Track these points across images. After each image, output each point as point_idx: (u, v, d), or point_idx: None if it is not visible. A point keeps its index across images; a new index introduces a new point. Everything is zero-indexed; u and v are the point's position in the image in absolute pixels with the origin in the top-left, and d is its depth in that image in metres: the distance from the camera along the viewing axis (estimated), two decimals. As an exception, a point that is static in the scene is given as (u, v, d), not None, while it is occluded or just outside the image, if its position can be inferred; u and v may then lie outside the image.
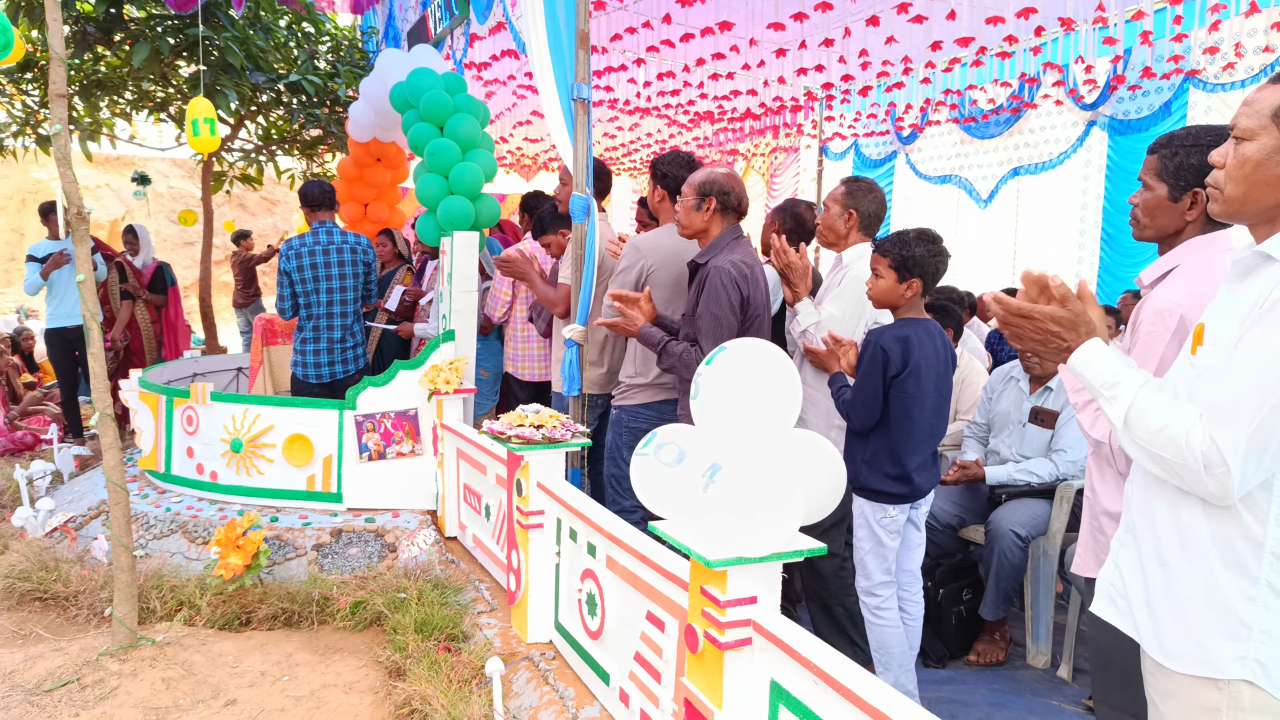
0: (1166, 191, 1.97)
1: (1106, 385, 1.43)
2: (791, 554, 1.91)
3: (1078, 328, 1.49)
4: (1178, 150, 1.94)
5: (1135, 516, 1.52)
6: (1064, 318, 1.49)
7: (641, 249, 3.45)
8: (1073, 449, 3.63)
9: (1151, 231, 2.03)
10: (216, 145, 5.00)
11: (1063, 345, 1.50)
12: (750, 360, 1.98)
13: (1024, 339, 1.54)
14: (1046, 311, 1.50)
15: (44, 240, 6.41)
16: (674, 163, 3.49)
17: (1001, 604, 3.63)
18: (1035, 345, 1.53)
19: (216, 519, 4.11)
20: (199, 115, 4.72)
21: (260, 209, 18.36)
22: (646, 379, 3.40)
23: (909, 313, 2.80)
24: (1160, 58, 6.89)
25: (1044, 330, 1.50)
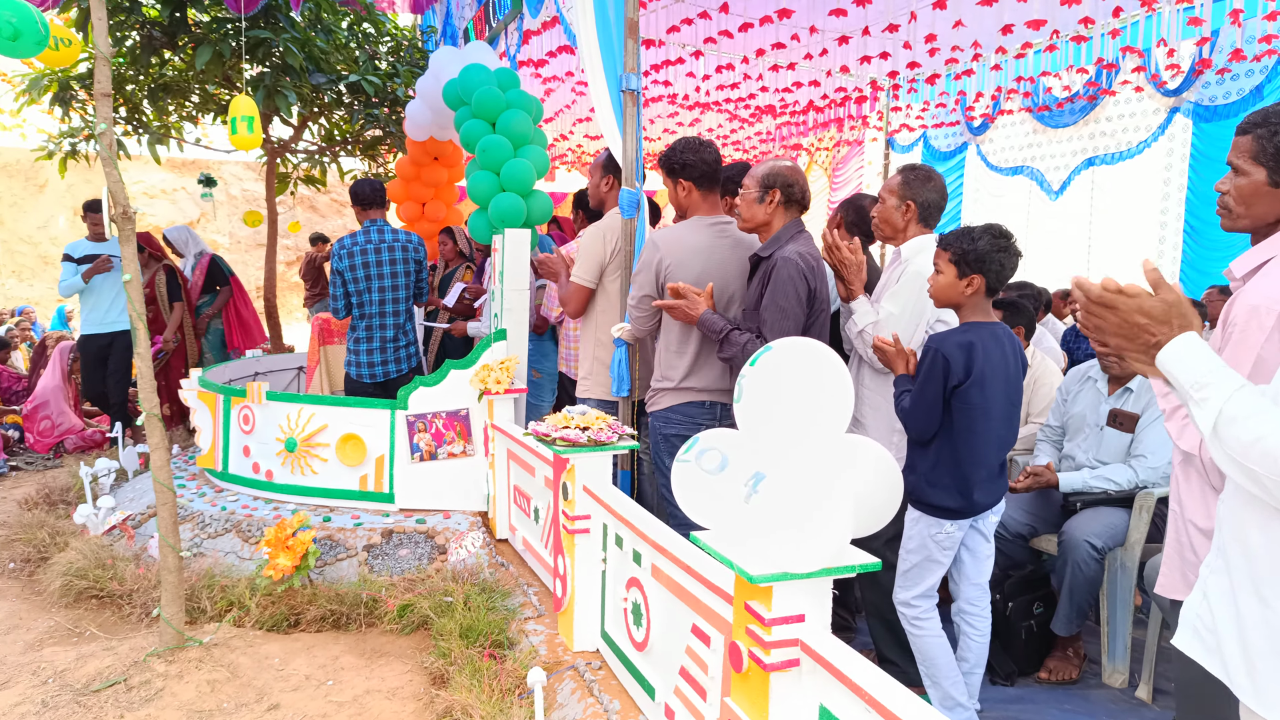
0: (1266, 176, 1.76)
1: (1196, 386, 1.25)
2: (842, 569, 1.78)
3: (1170, 320, 1.30)
4: (1278, 129, 1.74)
5: (1227, 539, 1.34)
6: (1154, 308, 1.30)
7: (660, 245, 3.24)
8: (1154, 454, 3.39)
9: (1246, 221, 1.82)
10: (258, 143, 5.05)
11: (1151, 340, 1.31)
12: (797, 361, 1.85)
13: (1106, 332, 1.36)
14: (1133, 301, 1.31)
15: (81, 240, 6.32)
16: (689, 149, 3.24)
17: (1075, 619, 3.41)
18: (1119, 341, 1.35)
19: (270, 518, 4.13)
20: (239, 114, 4.76)
21: (330, 210, 18.76)
22: (672, 382, 3.25)
23: (974, 315, 2.62)
24: (1251, 39, 6.48)
25: (1130, 323, 1.32)
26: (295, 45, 5.84)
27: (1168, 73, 7.23)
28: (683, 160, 3.25)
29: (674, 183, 3.31)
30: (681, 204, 3.35)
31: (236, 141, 4.80)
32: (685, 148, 3.26)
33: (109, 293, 6.20)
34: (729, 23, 6.16)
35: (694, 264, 3.22)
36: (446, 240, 5.71)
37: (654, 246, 3.25)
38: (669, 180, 3.33)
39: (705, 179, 3.26)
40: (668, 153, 3.29)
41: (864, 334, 2.96)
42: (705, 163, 3.25)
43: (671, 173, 3.30)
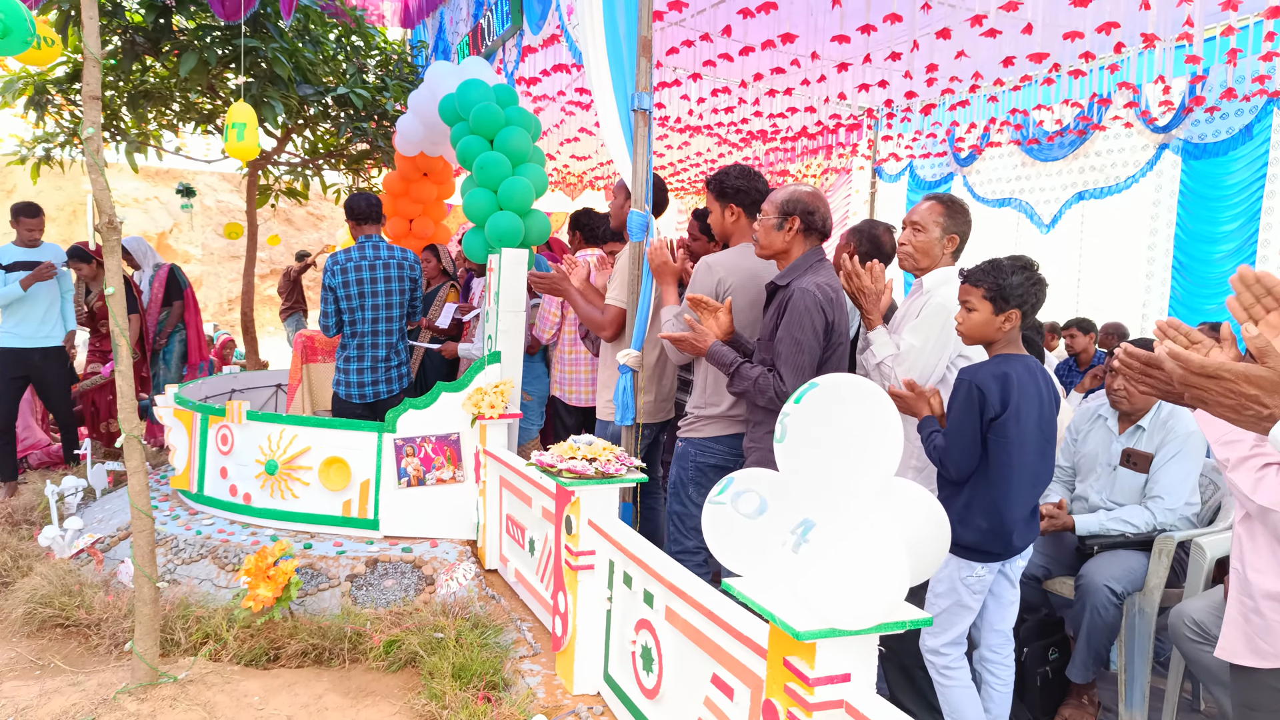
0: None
1: None
2: (894, 625, 1.65)
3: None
4: None
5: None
6: (1264, 378, 1.19)
7: (716, 269, 3.16)
8: (1170, 495, 3.30)
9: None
10: (255, 153, 4.87)
11: (1262, 412, 1.20)
12: (845, 399, 1.72)
13: (1210, 403, 1.25)
14: (1240, 370, 1.20)
15: (9, 245, 5.61)
16: (742, 176, 3.21)
17: (1092, 665, 3.30)
18: (1225, 412, 1.23)
19: (248, 544, 3.93)
20: (239, 120, 4.57)
21: (306, 224, 18.49)
22: (719, 409, 3.13)
23: (1006, 348, 2.52)
24: (1242, 78, 6.53)
25: (1236, 393, 1.21)
26: (284, 55, 5.68)
27: (1159, 109, 7.28)
28: (735, 185, 3.21)
29: (723, 206, 3.26)
30: (727, 229, 3.29)
31: (233, 150, 4.62)
32: (739, 174, 3.22)
33: (42, 303, 5.56)
34: (729, 46, 6.10)
35: (751, 289, 3.16)
36: (430, 258, 5.55)
37: (709, 270, 3.16)
38: (717, 202, 3.28)
39: (755, 207, 3.19)
40: (720, 175, 3.24)
41: (882, 366, 2.85)
42: (757, 190, 3.20)
43: (723, 195, 3.25)
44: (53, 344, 5.64)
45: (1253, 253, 7.00)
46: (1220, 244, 7.19)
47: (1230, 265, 7.17)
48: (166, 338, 6.47)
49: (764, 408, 2.79)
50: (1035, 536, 2.63)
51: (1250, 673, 1.80)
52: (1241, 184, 7.06)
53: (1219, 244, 7.19)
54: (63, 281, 5.79)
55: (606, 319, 3.69)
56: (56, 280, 5.67)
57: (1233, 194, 7.10)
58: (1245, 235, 7.04)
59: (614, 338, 3.69)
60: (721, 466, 3.10)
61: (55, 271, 5.53)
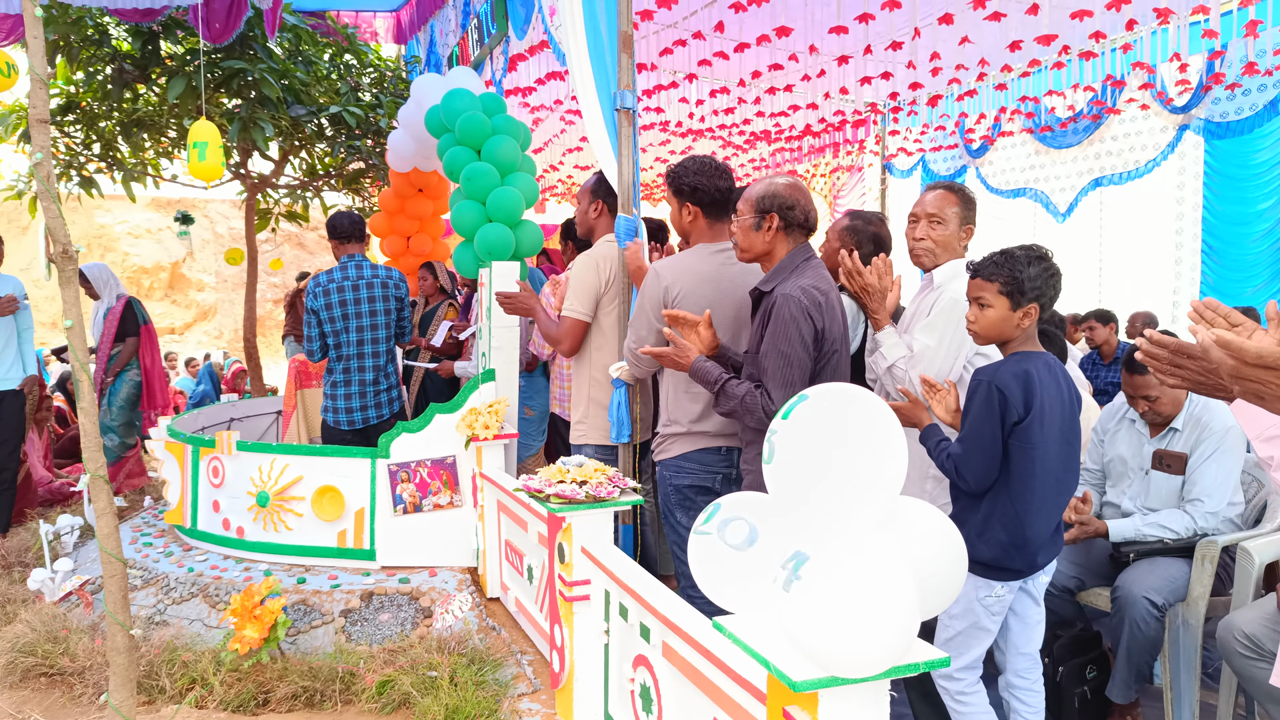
0: None
1: None
2: (905, 669, 1.45)
3: None
4: None
5: None
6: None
7: (664, 275, 2.89)
8: (1211, 497, 3.06)
9: None
10: (219, 173, 4.74)
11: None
12: (840, 411, 1.53)
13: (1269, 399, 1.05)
14: None
15: None
16: (700, 171, 2.89)
17: (1134, 683, 3.07)
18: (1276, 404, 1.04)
19: (240, 581, 3.78)
20: (200, 139, 4.43)
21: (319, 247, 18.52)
22: (683, 426, 2.89)
23: (1023, 346, 2.32)
24: (1263, 51, 6.26)
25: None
26: (272, 76, 5.58)
27: (1176, 89, 7.02)
28: (692, 183, 2.90)
29: (679, 204, 2.97)
30: (684, 228, 3.01)
31: (195, 170, 4.48)
32: (698, 169, 2.90)
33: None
34: (724, 44, 5.92)
35: (704, 293, 2.88)
36: (427, 275, 5.41)
37: (657, 277, 2.90)
38: (674, 199, 2.98)
39: (714, 207, 2.92)
40: (677, 169, 2.94)
41: (894, 370, 2.64)
42: (718, 189, 2.90)
43: (679, 193, 2.95)
44: (8, 387, 5.12)
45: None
46: (1253, 225, 6.90)
47: (1265, 246, 6.88)
48: (115, 376, 5.87)
49: (754, 428, 2.57)
50: (1059, 551, 2.41)
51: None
52: (1270, 161, 6.77)
53: (1253, 225, 6.90)
54: (21, 318, 5.26)
55: (560, 331, 3.43)
56: (14, 316, 5.16)
57: (1262, 173, 6.81)
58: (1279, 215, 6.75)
59: (571, 351, 3.47)
60: (697, 485, 2.88)
61: (16, 306, 5.08)
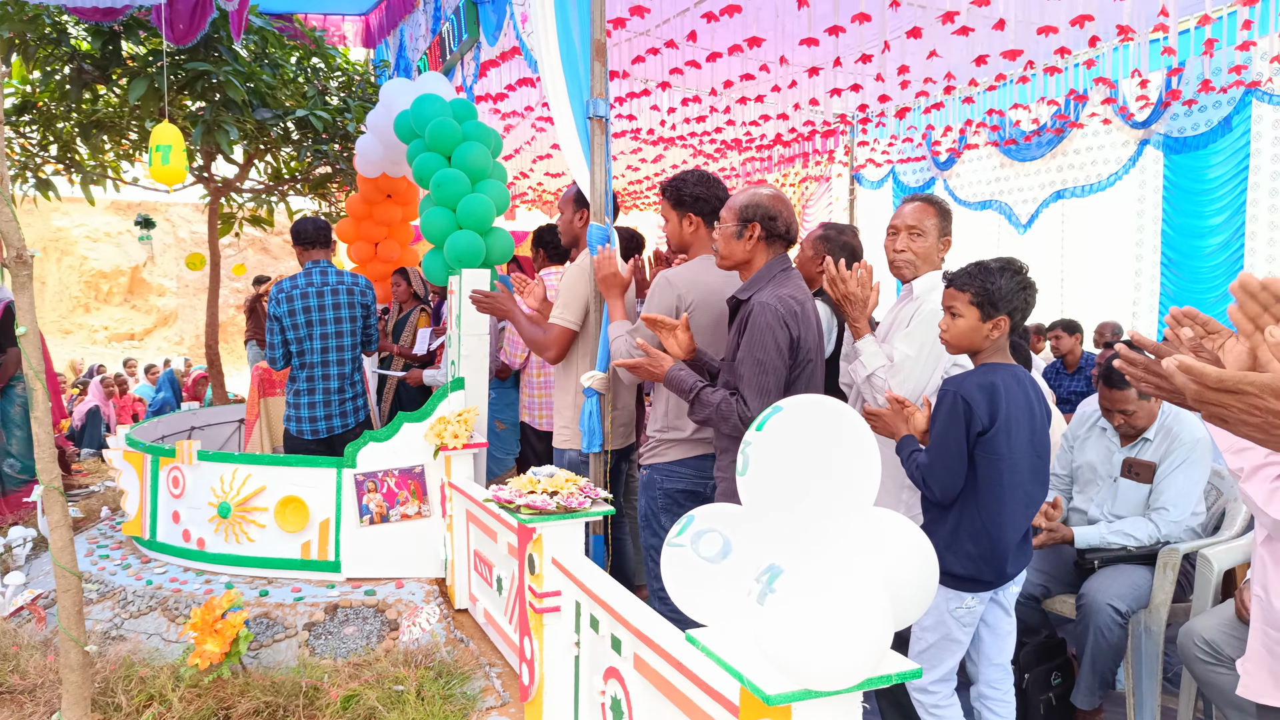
0: None
1: None
2: (879, 680, 1.45)
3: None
4: None
5: None
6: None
7: (675, 284, 2.95)
8: (1177, 507, 3.12)
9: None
10: (181, 176, 4.65)
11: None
12: (813, 423, 1.53)
13: (1231, 421, 1.05)
14: (1264, 382, 1.01)
15: None
16: (700, 182, 2.99)
17: (1098, 689, 3.11)
18: (1250, 431, 1.04)
19: (201, 593, 3.70)
20: (162, 142, 4.34)
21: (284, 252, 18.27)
22: (684, 432, 2.92)
23: (993, 356, 2.34)
24: (1219, 70, 6.42)
25: (1262, 409, 1.01)
26: (238, 79, 5.50)
27: (1136, 104, 7.17)
28: (694, 193, 2.98)
29: (680, 215, 3.03)
30: (685, 239, 3.07)
31: (157, 174, 4.39)
32: (697, 180, 3.00)
33: None
34: (696, 54, 5.94)
35: (715, 304, 2.94)
36: (400, 282, 5.35)
37: (669, 285, 2.94)
38: (674, 212, 3.04)
39: (714, 216, 2.97)
40: (676, 182, 3.01)
41: (874, 378, 2.65)
42: (717, 198, 2.98)
43: (680, 204, 3.01)
44: None
45: (1240, 245, 6.88)
46: (1208, 238, 7.06)
47: (1220, 259, 7.04)
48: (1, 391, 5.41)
49: (729, 435, 2.58)
50: (1028, 561, 2.44)
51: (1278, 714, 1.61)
52: (1224, 177, 6.94)
53: (1207, 238, 7.06)
54: None
55: (549, 338, 3.45)
56: None
57: (1216, 187, 6.98)
58: (1233, 228, 6.92)
59: (558, 359, 3.48)
60: (692, 491, 2.90)
61: None
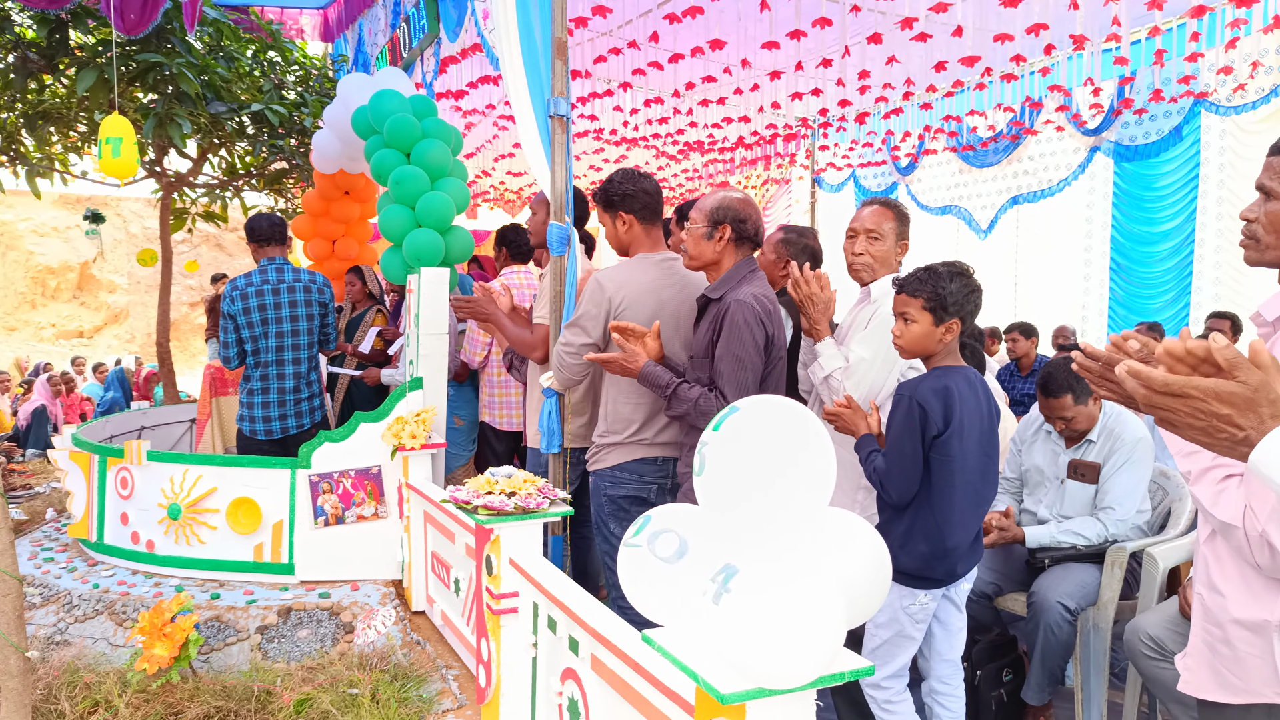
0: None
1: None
2: (833, 678, 1.46)
3: (1257, 408, 1.02)
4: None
5: None
6: (1236, 394, 1.03)
7: (606, 286, 2.93)
8: (1122, 505, 3.19)
9: (1278, 253, 1.59)
10: (133, 170, 4.54)
11: (1237, 435, 1.04)
12: (770, 423, 1.54)
13: (1179, 425, 1.08)
14: (1209, 386, 1.03)
15: None
16: (626, 180, 2.96)
17: (1048, 685, 3.17)
18: (1196, 435, 1.06)
19: (150, 597, 3.61)
20: (113, 134, 4.23)
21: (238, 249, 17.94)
22: (620, 436, 2.93)
23: (945, 360, 2.37)
24: (1169, 79, 6.59)
25: (1207, 413, 1.03)
26: (191, 71, 5.38)
27: (1089, 112, 7.33)
28: (622, 191, 2.95)
29: (613, 217, 3.01)
30: (622, 240, 3.04)
31: (107, 167, 4.28)
32: (624, 178, 2.97)
33: None
34: (659, 55, 5.95)
35: (647, 304, 2.92)
36: (354, 280, 5.28)
37: (600, 287, 2.92)
38: (607, 215, 3.03)
39: (647, 211, 2.97)
40: (605, 185, 2.99)
41: (831, 380, 2.68)
42: (646, 193, 2.96)
43: (610, 205, 2.99)
44: None
45: (1190, 253, 7.06)
46: (1157, 244, 7.25)
47: (1169, 265, 7.22)
48: None
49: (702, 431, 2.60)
50: (979, 559, 2.48)
51: (1220, 709, 1.65)
52: (1174, 185, 7.12)
53: (1156, 244, 7.25)
54: None
55: (536, 338, 3.45)
56: None
57: (1166, 195, 7.17)
58: (1183, 235, 7.10)
59: (545, 358, 3.48)
60: (635, 496, 2.90)
61: None
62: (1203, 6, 5.17)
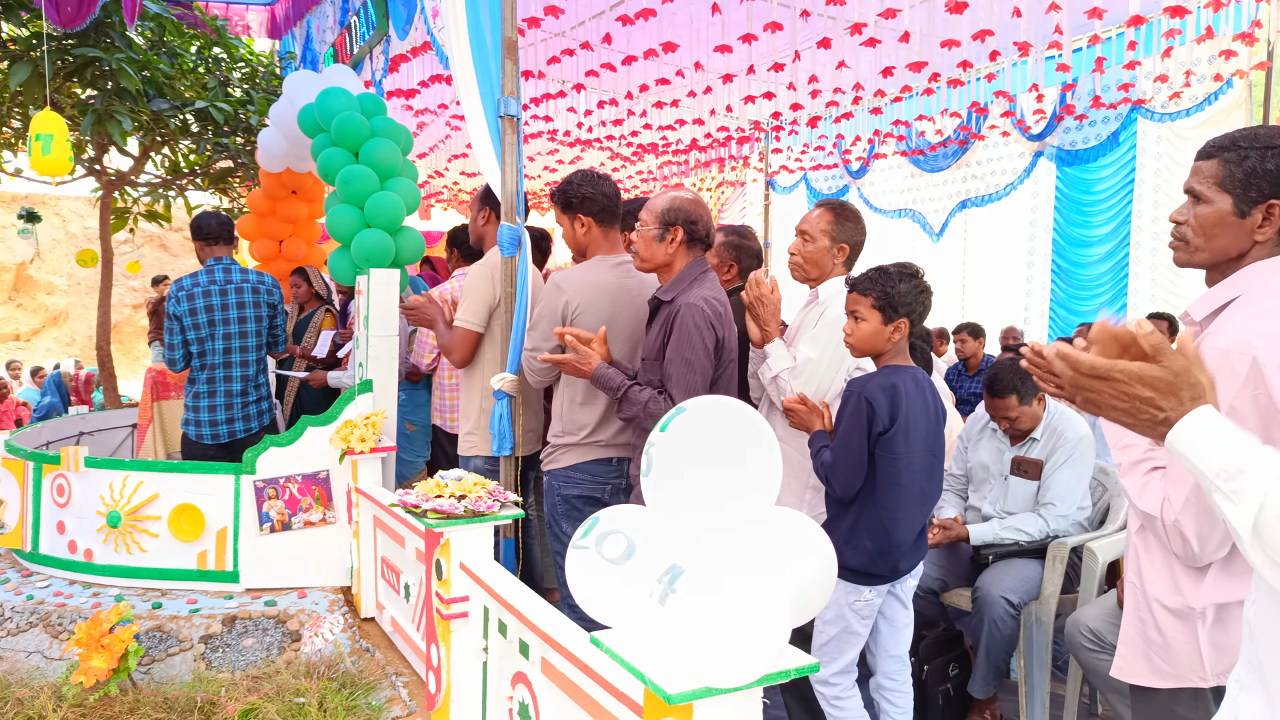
0: (1231, 205, 1.59)
1: (1224, 475, 1.00)
2: (778, 675, 1.47)
3: (1178, 391, 1.05)
4: (1247, 153, 1.57)
5: (1264, 653, 1.09)
6: (1158, 378, 1.06)
7: (563, 287, 2.93)
8: (1063, 501, 3.27)
9: (1205, 255, 1.64)
10: (67, 168, 4.42)
11: (1158, 416, 1.07)
12: (716, 424, 1.54)
13: (1103, 406, 1.11)
14: (1133, 370, 1.07)
15: None
16: (586, 182, 2.97)
17: (993, 679, 3.23)
18: (1120, 416, 1.10)
19: (88, 608, 3.51)
20: (44, 130, 4.11)
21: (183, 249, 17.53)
22: (576, 437, 2.93)
23: (894, 359, 2.41)
24: (1108, 86, 6.78)
25: (1130, 395, 1.07)
26: (132, 67, 5.24)
27: (1033, 118, 7.50)
28: (581, 194, 2.95)
29: (571, 219, 3.01)
30: (580, 242, 3.04)
31: (38, 165, 4.15)
32: (583, 180, 2.97)
33: None
34: (612, 56, 5.95)
35: (602, 306, 2.92)
36: (299, 283, 5.19)
37: (557, 289, 2.92)
38: (565, 216, 3.02)
39: (605, 214, 2.97)
40: (563, 186, 2.99)
41: (779, 380, 2.70)
42: (605, 195, 2.96)
43: (568, 207, 2.99)
44: None
45: (1125, 255, 7.26)
46: (1094, 247, 7.45)
47: (1106, 267, 7.42)
48: None
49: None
50: (923, 556, 2.52)
51: (1150, 694, 1.70)
52: (1111, 189, 7.33)
53: (1093, 247, 7.45)
54: None
55: (453, 341, 3.42)
56: None
57: (1103, 199, 7.37)
58: (1118, 238, 7.31)
59: (463, 362, 3.44)
60: (589, 497, 2.91)
61: None
62: (1139, 16, 5.33)
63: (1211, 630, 1.60)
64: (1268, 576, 0.98)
